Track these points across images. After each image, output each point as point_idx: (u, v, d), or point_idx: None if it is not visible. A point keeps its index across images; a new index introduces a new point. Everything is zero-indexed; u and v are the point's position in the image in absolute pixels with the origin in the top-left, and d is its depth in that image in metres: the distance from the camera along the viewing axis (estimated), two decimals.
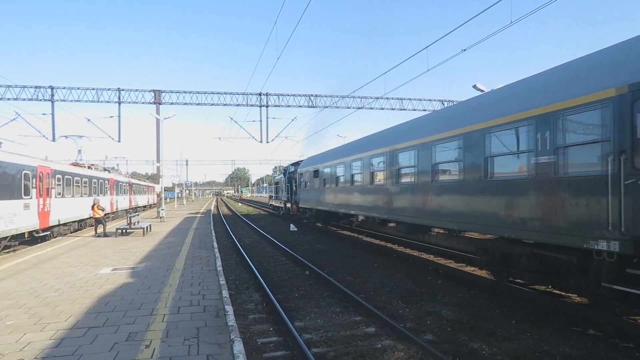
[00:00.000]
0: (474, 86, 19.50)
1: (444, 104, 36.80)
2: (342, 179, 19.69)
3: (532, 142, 7.95)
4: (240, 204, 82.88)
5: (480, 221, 9.53)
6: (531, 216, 7.97)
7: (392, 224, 16.40)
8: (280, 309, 8.11)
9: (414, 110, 37.40)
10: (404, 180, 13.38)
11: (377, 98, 36.10)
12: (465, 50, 14.77)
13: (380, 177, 15.29)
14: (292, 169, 32.41)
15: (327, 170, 22.20)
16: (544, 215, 7.67)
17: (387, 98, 36.43)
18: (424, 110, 36.89)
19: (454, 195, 10.59)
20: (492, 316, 8.13)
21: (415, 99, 37.35)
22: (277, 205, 40.59)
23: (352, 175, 18.18)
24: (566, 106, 7.24)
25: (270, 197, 52.03)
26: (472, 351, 6.41)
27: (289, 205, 32.99)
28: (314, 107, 36.51)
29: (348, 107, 36.83)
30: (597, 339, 6.83)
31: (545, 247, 8.07)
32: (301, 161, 31.55)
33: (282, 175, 37.62)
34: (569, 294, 9.32)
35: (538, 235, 7.84)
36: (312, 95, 36.30)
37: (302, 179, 28.27)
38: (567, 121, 7.25)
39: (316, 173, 24.35)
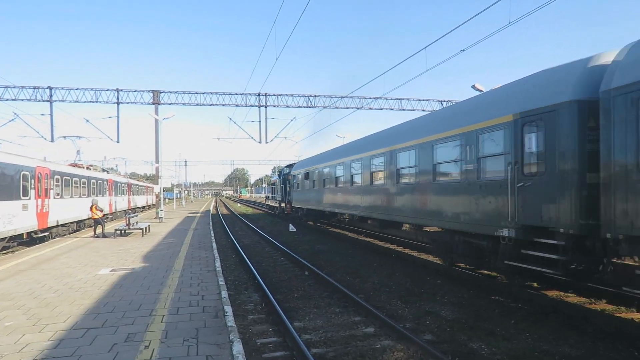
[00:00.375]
0: (473, 86, 19.49)
1: (442, 104, 36.83)
2: (327, 181, 21.96)
3: (462, 153, 10.23)
4: (239, 205, 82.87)
5: (431, 217, 11.80)
6: (462, 212, 10.27)
7: (370, 221, 18.32)
8: (280, 310, 8.11)
9: (413, 110, 37.41)
10: (376, 182, 15.57)
11: (376, 98, 36.12)
12: (464, 50, 14.78)
13: (358, 180, 17.47)
14: (287, 171, 34.35)
15: (315, 172, 24.42)
16: (470, 210, 9.95)
17: (386, 98, 36.44)
18: (423, 110, 36.91)
19: (413, 195, 12.80)
20: (491, 316, 8.13)
21: (414, 99, 37.37)
22: (273, 205, 42.27)
23: (336, 178, 20.34)
24: (483, 126, 9.52)
25: (267, 197, 54.67)
26: (472, 351, 6.41)
27: (283, 205, 35.05)
28: (312, 107, 36.50)
29: (347, 108, 36.83)
30: (596, 338, 6.84)
31: (472, 236, 10.25)
32: (295, 163, 33.71)
33: (277, 177, 39.46)
34: (568, 294, 9.35)
35: (467, 226, 10.16)
36: (311, 96, 36.31)
37: (294, 181, 30.35)
38: (483, 138, 9.52)
39: (306, 175, 26.47)
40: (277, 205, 38.62)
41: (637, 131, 6.17)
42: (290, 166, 34.44)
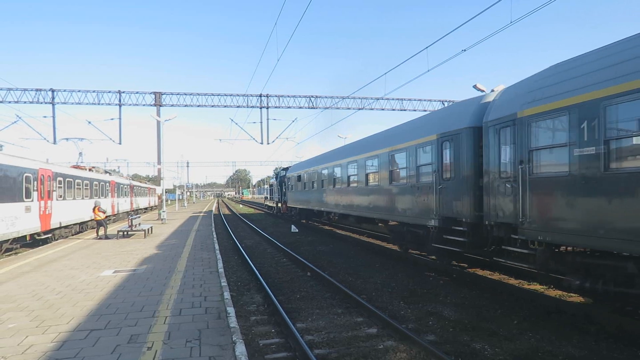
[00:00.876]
0: (474, 86, 19.47)
1: (444, 104, 36.81)
2: (315, 183, 24.85)
3: (408, 162, 13.15)
4: (241, 206, 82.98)
5: (391, 213, 14.58)
6: (408, 208, 13.22)
7: (351, 218, 20.43)
8: (282, 311, 8.11)
9: (414, 110, 37.44)
10: (352, 185, 18.59)
11: (377, 99, 36.16)
12: (465, 50, 14.78)
13: (338, 183, 20.35)
14: (283, 173, 36.56)
15: (305, 175, 27.35)
16: (412, 207, 12.88)
17: (388, 99, 36.48)
18: (424, 110, 36.92)
19: (378, 196, 15.56)
20: (494, 316, 8.13)
21: (415, 100, 37.40)
22: (271, 205, 45.73)
23: (322, 181, 23.26)
24: (420, 142, 12.49)
25: (266, 198, 59.16)
26: (474, 351, 6.41)
27: (279, 205, 37.81)
28: (314, 108, 36.56)
29: (348, 108, 36.88)
30: (599, 338, 6.83)
31: (415, 226, 13.06)
32: (290, 167, 36.33)
33: (275, 179, 42.18)
34: (570, 294, 9.33)
35: (411, 219, 13.04)
36: (312, 97, 36.35)
37: (289, 182, 33.12)
38: (420, 151, 12.49)
39: (298, 178, 29.38)
40: (275, 205, 41.35)
41: (498, 151, 9.21)
42: (286, 169, 36.71)
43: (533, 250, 8.44)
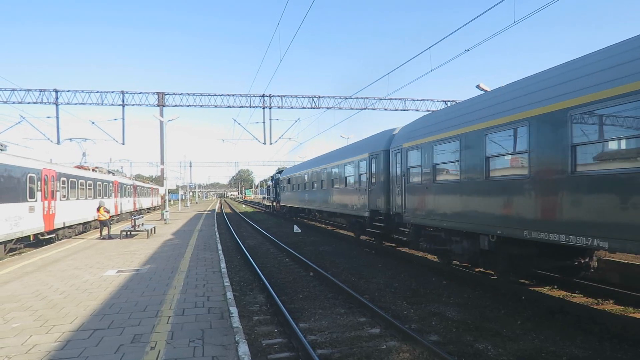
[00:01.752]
0: (477, 86, 19.44)
1: (446, 104, 36.75)
2: (300, 185, 30.11)
3: (354, 171, 18.37)
4: (243, 206, 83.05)
5: (345, 208, 19.76)
6: (354, 204, 18.34)
7: (324, 214, 26.22)
8: (285, 310, 8.11)
9: (417, 110, 37.40)
10: (323, 187, 23.81)
11: (380, 99, 36.14)
12: (468, 50, 14.75)
13: (314, 185, 25.91)
14: (277, 176, 41.35)
15: (293, 179, 32.37)
16: (357, 203, 17.88)
17: (390, 99, 36.45)
18: (427, 110, 36.86)
19: (338, 195, 20.89)
20: (497, 316, 8.10)
21: (418, 100, 37.36)
22: (268, 204, 53.85)
23: (305, 183, 28.50)
24: (359, 158, 17.54)
25: (264, 197, 69.68)
26: (478, 352, 6.39)
27: (274, 204, 43.85)
28: (317, 108, 36.56)
29: (351, 108, 36.87)
30: (603, 338, 6.80)
31: (358, 217, 18.51)
32: (283, 170, 41.62)
33: (271, 181, 47.46)
34: (574, 294, 9.30)
35: (356, 212, 18.16)
36: (315, 97, 36.36)
37: (282, 185, 38.16)
38: (360, 164, 17.51)
39: (288, 180, 34.48)
40: (270, 204, 48.19)
41: (395, 167, 14.05)
42: (280, 172, 41.46)
43: (409, 229, 13.48)
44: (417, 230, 12.97)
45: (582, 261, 8.95)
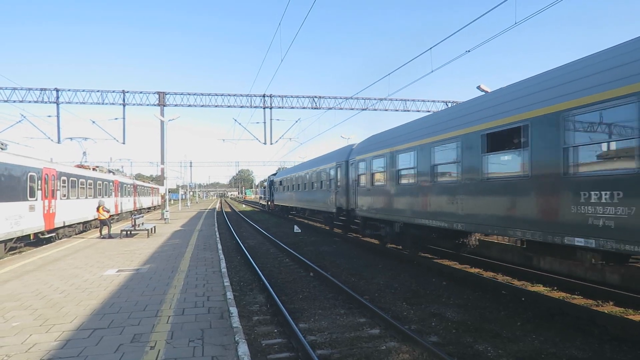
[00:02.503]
0: (478, 87, 19.43)
1: (447, 105, 36.75)
2: (289, 187, 34.81)
3: (323, 177, 23.58)
4: (244, 206, 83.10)
5: (321, 205, 24.35)
6: (324, 202, 23.41)
7: (307, 211, 31.79)
8: (285, 311, 8.11)
9: (418, 111, 37.38)
10: (304, 189, 28.95)
11: (381, 99, 36.13)
12: (469, 51, 14.75)
13: (300, 187, 30.15)
14: (272, 178, 46.05)
15: (284, 180, 37.25)
16: (326, 202, 22.86)
17: (391, 99, 36.44)
18: (428, 111, 36.86)
19: (315, 196, 25.78)
20: (497, 317, 8.10)
21: (418, 100, 37.35)
22: (264, 203, 61.22)
23: (293, 185, 32.97)
24: (328, 167, 22.46)
25: (261, 197, 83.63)
26: (478, 353, 6.39)
27: (269, 203, 48.66)
28: (317, 108, 36.56)
29: (352, 109, 36.86)
30: (603, 340, 6.80)
31: (327, 213, 23.54)
32: (277, 172, 47.12)
33: (267, 183, 52.52)
34: (574, 296, 9.30)
35: (326, 208, 22.98)
36: (315, 97, 36.36)
37: (275, 186, 43.18)
38: (328, 171, 22.42)
39: (280, 182, 39.45)
40: (266, 203, 53.94)
41: (352, 174, 18.07)
42: (274, 174, 46.61)
43: (358, 220, 17.99)
44: (364, 221, 17.28)
45: (463, 240, 11.96)
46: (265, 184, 57.22)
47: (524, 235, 8.19)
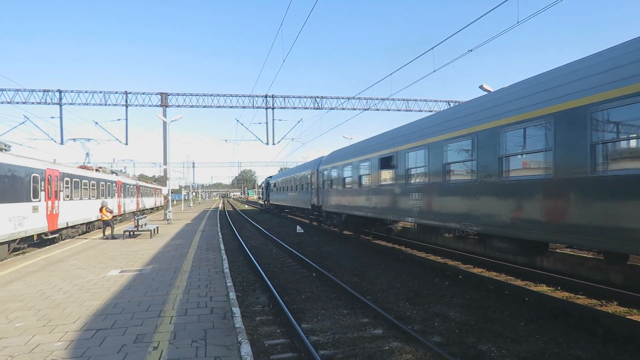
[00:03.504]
0: (481, 87, 19.40)
1: (450, 105, 36.69)
2: (281, 188, 40.98)
3: (304, 181, 29.51)
4: (246, 206, 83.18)
5: (300, 203, 31.16)
6: (303, 200, 29.84)
7: (294, 209, 37.84)
8: (288, 311, 8.11)
9: (420, 111, 37.33)
10: (292, 190, 34.27)
11: (383, 99, 36.10)
12: (471, 50, 14.72)
13: (288, 188, 36.07)
14: (268, 180, 54.06)
15: (278, 182, 43.79)
16: (305, 200, 29.16)
17: (393, 99, 36.40)
18: (430, 110, 36.80)
19: (296, 195, 32.56)
20: (500, 317, 8.08)
21: (421, 100, 37.30)
22: (262, 202, 72.61)
23: (283, 187, 39.15)
24: (307, 174, 28.52)
25: (259, 197, 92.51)
26: (481, 353, 6.37)
27: (266, 202, 57.02)
28: (319, 108, 36.54)
29: (354, 109, 36.84)
30: (607, 340, 6.77)
31: (304, 209, 31.09)
32: (272, 176, 54.60)
33: (264, 184, 59.86)
34: (578, 296, 9.27)
35: (304, 205, 29.79)
36: (317, 97, 36.34)
37: (270, 187, 50.84)
38: (307, 176, 28.49)
39: (274, 184, 46.40)
40: (263, 202, 63.82)
41: (321, 179, 24.10)
42: (270, 177, 54.19)
43: (324, 214, 23.44)
44: (328, 215, 23.08)
45: (390, 227, 18.44)
46: (263, 185, 64.35)
47: (414, 221, 13.19)
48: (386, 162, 14.68)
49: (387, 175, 14.80)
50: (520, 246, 9.11)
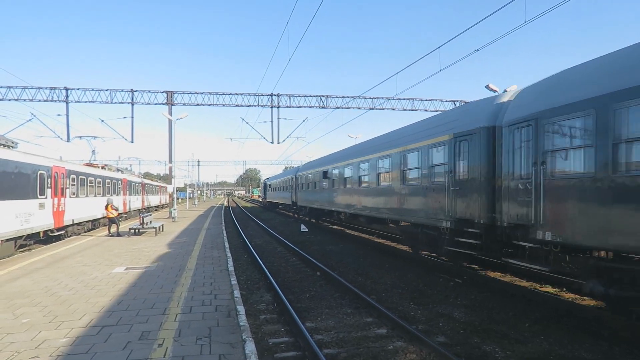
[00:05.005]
0: (487, 86, 19.33)
1: (455, 104, 36.56)
2: (273, 188, 51.12)
3: (287, 184, 39.67)
4: (250, 204, 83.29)
5: (283, 200, 43.48)
6: (286, 198, 40.25)
7: (289, 207, 41.50)
8: (292, 310, 8.12)
9: (426, 110, 37.19)
10: (280, 190, 44.99)
11: (388, 99, 36.00)
12: (477, 50, 14.65)
13: (278, 189, 45.74)
14: (266, 181, 63.71)
15: (272, 183, 53.21)
16: (287, 198, 39.52)
17: (399, 98, 36.28)
18: (436, 110, 36.67)
19: (281, 194, 44.12)
20: (505, 318, 8.05)
21: (426, 99, 37.16)
22: (261, 201, 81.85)
23: (275, 188, 47.59)
24: (287, 178, 40.09)
25: (259, 196, 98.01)
26: (485, 354, 6.35)
27: (263, 200, 67.30)
28: (325, 107, 36.48)
29: (359, 108, 36.76)
30: (613, 342, 6.73)
31: (288, 205, 40.10)
32: (269, 177, 65.46)
33: (263, 185, 70.55)
34: (583, 297, 9.22)
35: (288, 202, 39.47)
36: (323, 96, 36.30)
37: (267, 187, 60.81)
38: (288, 180, 39.60)
39: (270, 185, 56.68)
40: (262, 200, 74.45)
41: (295, 182, 35.64)
42: (267, 178, 64.14)
43: (298, 208, 34.48)
44: (299, 208, 30.63)
45: (339, 216, 23.01)
46: (262, 185, 76.48)
47: (345, 210, 20.38)
48: (325, 174, 23.99)
49: (335, 181, 22.58)
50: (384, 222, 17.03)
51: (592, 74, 7.18)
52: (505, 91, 11.07)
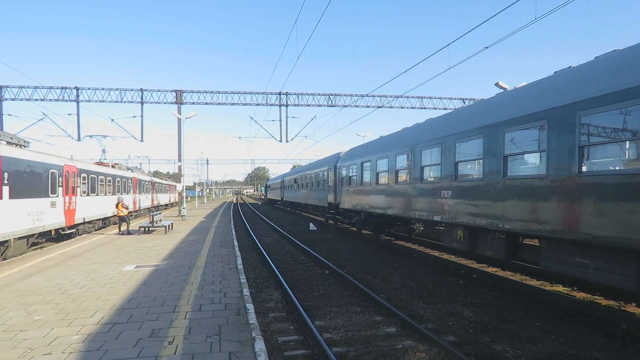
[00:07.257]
0: (497, 84, 19.16)
1: (464, 103, 36.33)
2: (271, 188, 67.35)
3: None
4: (259, 203, 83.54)
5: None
6: (277, 196, 58.72)
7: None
8: (301, 308, 8.13)
9: (434, 108, 37.02)
10: (275, 190, 60.26)
11: (397, 97, 35.88)
12: (487, 47, 14.53)
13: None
14: (267, 182, 75.10)
15: (271, 184, 68.47)
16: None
17: (407, 97, 36.16)
18: (445, 109, 36.48)
19: (274, 192, 63.02)
20: (515, 317, 7.99)
21: (435, 98, 36.99)
22: (263, 198, 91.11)
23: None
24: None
25: (264, 195, 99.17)
26: (496, 353, 6.31)
27: (264, 197, 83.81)
28: (333, 106, 36.47)
29: (367, 106, 36.68)
30: (625, 342, 6.65)
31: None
32: (270, 178, 79.81)
33: (265, 185, 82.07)
34: (595, 297, 9.12)
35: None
36: (331, 95, 36.27)
37: (268, 186, 72.92)
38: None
39: (270, 185, 69.85)
40: (264, 198, 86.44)
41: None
42: (268, 180, 72.94)
43: (282, 203, 53.43)
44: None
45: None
46: (265, 185, 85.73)
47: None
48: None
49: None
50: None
51: (354, 155, 17.01)
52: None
